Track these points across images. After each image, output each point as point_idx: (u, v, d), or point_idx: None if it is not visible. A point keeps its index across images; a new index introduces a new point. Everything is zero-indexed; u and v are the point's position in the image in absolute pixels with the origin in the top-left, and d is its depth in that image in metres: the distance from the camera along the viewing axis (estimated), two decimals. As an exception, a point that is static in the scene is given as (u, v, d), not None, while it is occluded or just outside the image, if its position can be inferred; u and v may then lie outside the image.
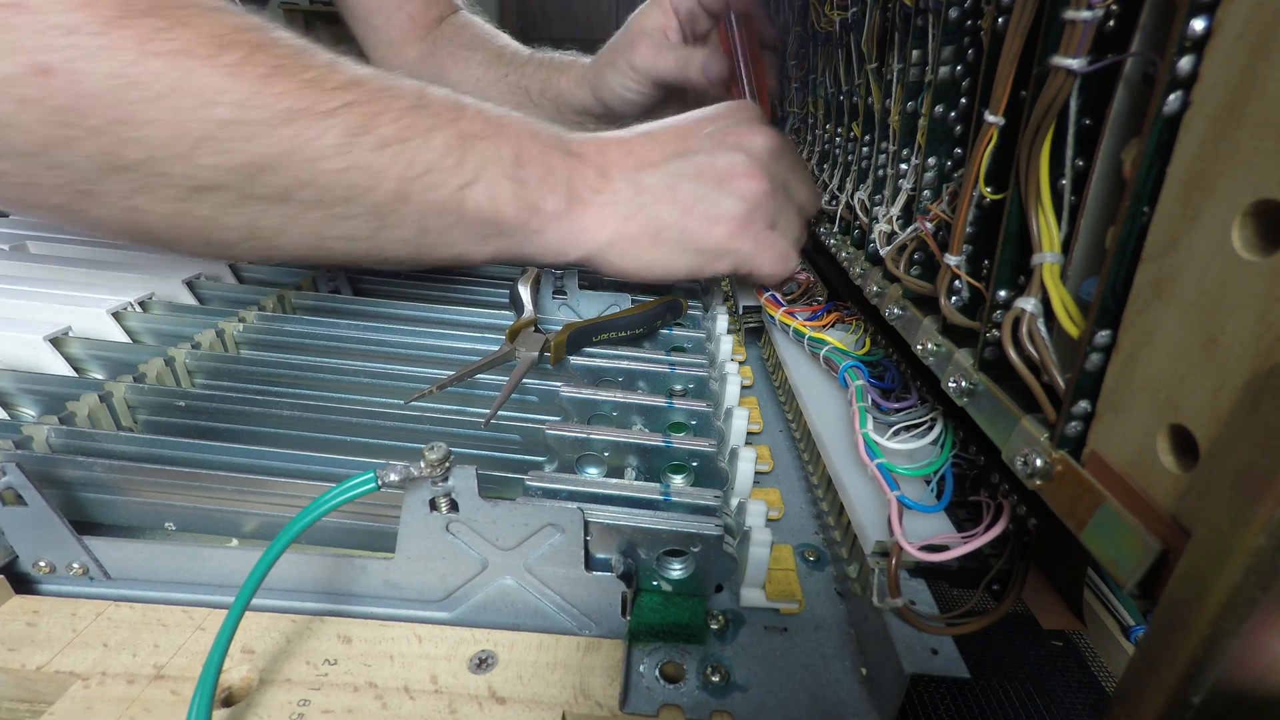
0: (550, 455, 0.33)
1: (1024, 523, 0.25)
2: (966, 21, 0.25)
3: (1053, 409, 0.19)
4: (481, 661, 0.25)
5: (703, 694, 0.25)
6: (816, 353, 0.40)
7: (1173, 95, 0.15)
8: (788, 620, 0.28)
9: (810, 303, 0.46)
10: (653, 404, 0.36)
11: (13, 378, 0.34)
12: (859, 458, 0.30)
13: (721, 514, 0.28)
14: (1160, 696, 0.14)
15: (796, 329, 0.42)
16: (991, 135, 0.22)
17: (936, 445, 0.30)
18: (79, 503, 0.29)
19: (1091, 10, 0.17)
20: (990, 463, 0.28)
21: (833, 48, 0.44)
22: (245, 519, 0.29)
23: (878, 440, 0.30)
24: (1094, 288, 0.18)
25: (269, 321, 0.43)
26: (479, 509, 0.25)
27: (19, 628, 0.25)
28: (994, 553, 0.26)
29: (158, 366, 0.36)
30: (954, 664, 0.23)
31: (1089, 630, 0.30)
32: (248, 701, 0.23)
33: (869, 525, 0.27)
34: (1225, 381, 0.14)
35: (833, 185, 0.45)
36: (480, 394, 0.37)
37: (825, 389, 0.39)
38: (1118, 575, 0.16)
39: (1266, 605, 0.12)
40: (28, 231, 0.54)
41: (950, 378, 0.24)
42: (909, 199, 0.31)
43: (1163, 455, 0.16)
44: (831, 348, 0.38)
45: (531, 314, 0.42)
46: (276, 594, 0.27)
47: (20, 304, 0.41)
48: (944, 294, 0.25)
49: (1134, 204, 0.16)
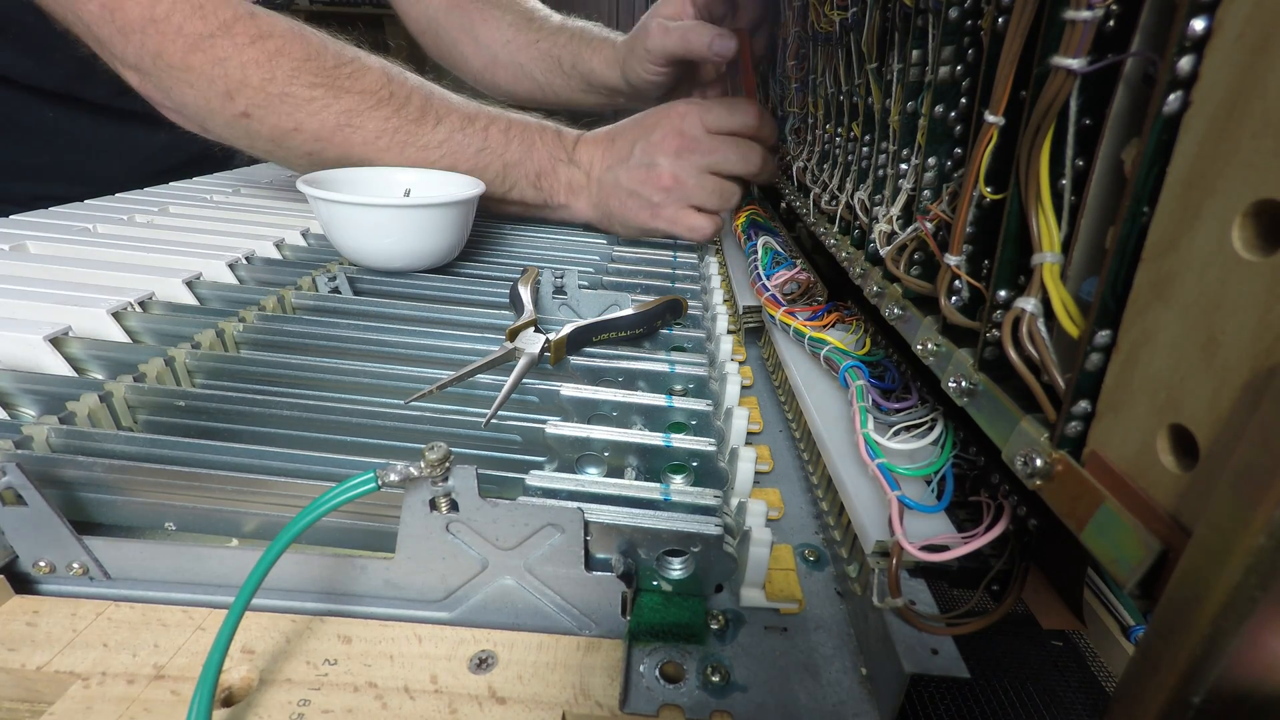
0: (550, 455, 0.33)
1: (1024, 523, 0.25)
2: (966, 21, 0.25)
3: (1053, 409, 0.19)
4: (481, 661, 0.25)
5: (703, 694, 0.25)
6: (817, 352, 0.40)
7: (1173, 95, 0.15)
8: (788, 620, 0.28)
9: (811, 302, 0.46)
10: (653, 404, 0.36)
11: (13, 378, 0.34)
12: (859, 457, 0.30)
13: (721, 514, 0.28)
14: (1160, 696, 0.14)
15: (797, 329, 0.42)
16: (991, 135, 0.22)
17: (937, 446, 0.30)
18: (79, 503, 0.29)
19: (1091, 10, 0.17)
20: (990, 463, 0.28)
21: (833, 48, 0.44)
22: (245, 519, 0.29)
23: (878, 440, 0.30)
24: (1094, 288, 0.18)
25: (269, 321, 0.43)
26: (479, 509, 0.25)
27: (19, 628, 0.25)
28: (994, 553, 0.26)
29: (158, 366, 0.36)
30: (954, 664, 0.23)
31: (1089, 630, 0.30)
32: (248, 701, 0.23)
33: (869, 525, 0.27)
34: (1225, 381, 0.14)
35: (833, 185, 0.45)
36: (480, 394, 0.37)
37: (826, 389, 0.39)
38: (1118, 575, 0.16)
39: (1266, 605, 0.12)
40: (28, 232, 0.54)
41: (950, 378, 0.24)
42: (909, 199, 0.31)
43: (1163, 455, 0.16)
44: (832, 348, 0.38)
45: (531, 314, 0.42)
46: (276, 594, 0.27)
47: (20, 304, 0.41)
48: (944, 294, 0.25)
49: (1134, 204, 0.16)
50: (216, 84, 0.51)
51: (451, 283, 0.52)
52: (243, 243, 0.55)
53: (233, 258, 0.51)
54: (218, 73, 0.50)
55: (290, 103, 0.52)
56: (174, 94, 0.52)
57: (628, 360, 0.41)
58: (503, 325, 0.44)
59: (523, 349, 0.38)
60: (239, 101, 0.51)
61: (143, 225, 0.60)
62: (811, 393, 0.39)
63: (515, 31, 0.81)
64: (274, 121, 0.53)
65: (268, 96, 0.52)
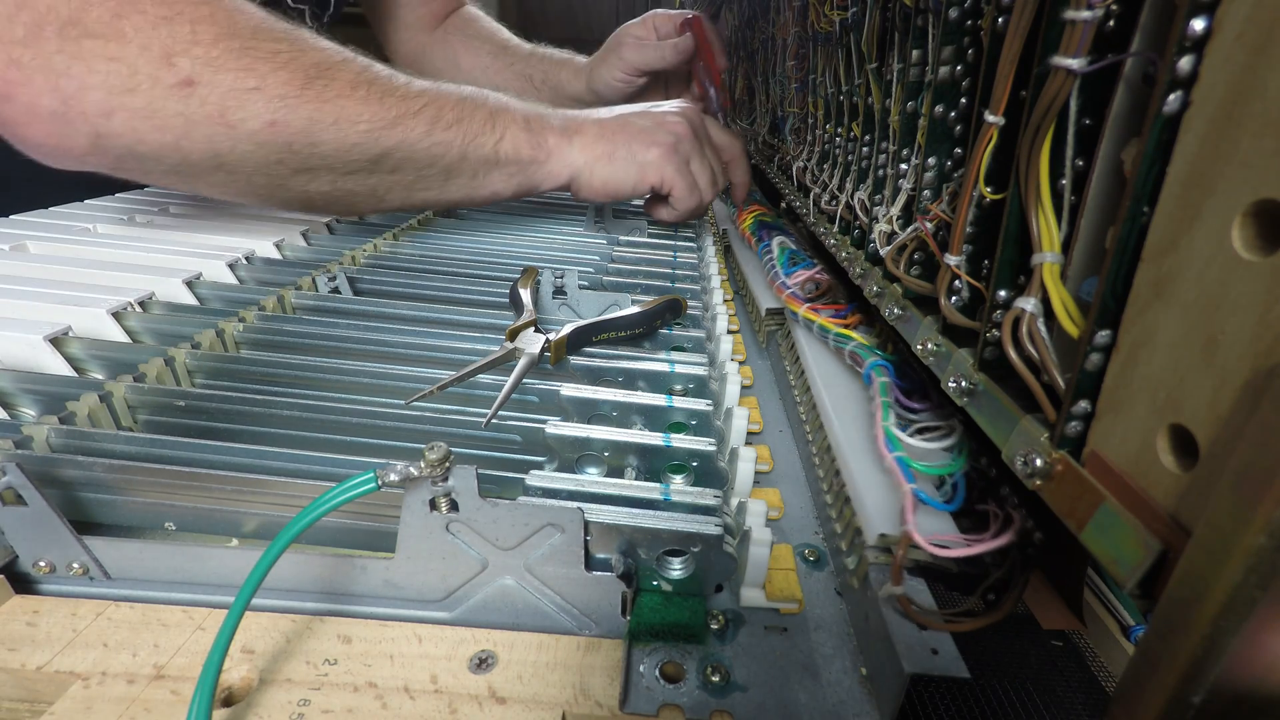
0: (550, 455, 0.33)
1: (1029, 536, 0.25)
2: (966, 21, 0.25)
3: (1053, 409, 0.19)
4: (481, 661, 0.25)
5: (703, 694, 0.25)
6: (841, 348, 0.39)
7: (1173, 95, 0.15)
8: (788, 620, 0.28)
9: (834, 302, 0.46)
10: (653, 404, 0.36)
11: (13, 378, 0.34)
12: (874, 452, 0.30)
13: (721, 514, 0.28)
14: (1160, 696, 0.14)
15: (821, 325, 0.42)
16: (991, 135, 0.22)
17: (953, 451, 0.30)
18: (79, 503, 0.29)
19: (1091, 10, 0.17)
20: (1001, 475, 0.28)
21: (833, 48, 0.44)
22: (245, 519, 0.29)
23: (899, 435, 0.30)
24: (1094, 288, 0.18)
25: (269, 321, 0.43)
26: (479, 509, 0.25)
27: (19, 628, 0.25)
28: (994, 562, 0.26)
29: (158, 366, 0.36)
30: (954, 664, 0.23)
31: (1089, 630, 0.30)
32: (248, 701, 0.23)
33: (875, 517, 0.27)
34: (1225, 381, 0.14)
35: (833, 185, 0.46)
36: (480, 394, 0.37)
37: (845, 385, 0.39)
38: (1118, 575, 0.16)
39: (1266, 605, 0.12)
40: (28, 232, 0.54)
41: (950, 378, 0.24)
42: (909, 199, 0.31)
43: (1163, 455, 0.16)
44: (857, 344, 0.38)
45: (531, 314, 0.42)
46: (276, 594, 0.27)
47: (20, 304, 0.41)
48: (944, 294, 0.25)
49: (1134, 204, 0.16)
50: (152, 47, 0.39)
51: (451, 283, 0.52)
52: (243, 242, 0.55)
53: (233, 258, 0.51)
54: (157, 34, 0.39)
55: (251, 56, 0.42)
56: (73, 74, 0.39)
57: (628, 360, 0.41)
58: (503, 325, 0.44)
59: (523, 349, 0.38)
60: (181, 65, 0.40)
61: (143, 225, 0.60)
62: (829, 387, 0.39)
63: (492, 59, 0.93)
64: (228, 83, 0.41)
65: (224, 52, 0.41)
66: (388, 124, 0.48)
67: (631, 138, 0.60)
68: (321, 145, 0.46)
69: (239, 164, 0.45)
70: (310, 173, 0.47)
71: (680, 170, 0.61)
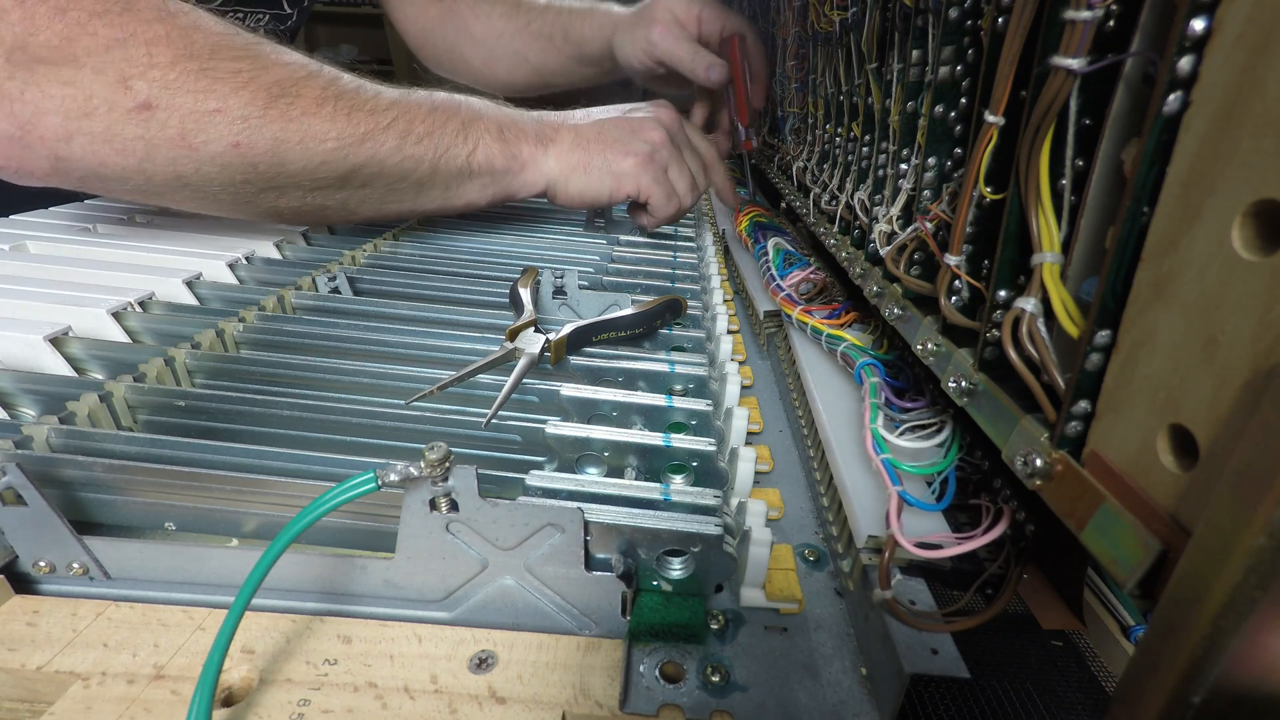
0: (550, 455, 0.33)
1: (1022, 529, 0.25)
2: (966, 21, 0.25)
3: (1053, 409, 0.19)
4: (481, 661, 0.25)
5: (703, 694, 0.25)
6: (834, 349, 0.40)
7: (1173, 95, 0.15)
8: (788, 620, 0.28)
9: (829, 301, 0.46)
10: (652, 404, 0.36)
11: (13, 378, 0.34)
12: (864, 453, 0.30)
13: (721, 514, 0.28)
14: (1160, 696, 0.14)
15: (814, 326, 0.42)
16: (991, 135, 0.22)
17: (942, 448, 0.30)
18: (79, 503, 0.29)
19: (1091, 10, 0.17)
20: (994, 468, 0.28)
21: (833, 48, 0.44)
22: (245, 519, 0.29)
23: (886, 436, 0.30)
24: (1094, 288, 0.18)
25: (269, 321, 0.43)
26: (479, 509, 0.25)
27: (19, 628, 0.25)
28: (989, 557, 0.26)
29: (158, 366, 0.36)
30: (954, 664, 0.23)
31: (1089, 630, 0.30)
32: (248, 701, 0.23)
33: (864, 519, 0.27)
34: (1225, 381, 0.14)
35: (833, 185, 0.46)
36: (480, 394, 0.37)
37: (838, 387, 0.39)
38: (1118, 575, 0.16)
39: (1266, 605, 0.12)
40: (28, 232, 0.54)
41: (950, 378, 0.24)
42: (909, 199, 0.31)
43: (1163, 455, 0.16)
44: (849, 344, 0.38)
45: (531, 314, 0.42)
46: (276, 594, 0.27)
47: (20, 304, 0.41)
48: (944, 294, 0.25)
49: (1134, 204, 0.16)
50: (107, 71, 0.39)
51: (451, 283, 0.52)
52: (243, 242, 0.55)
53: (233, 258, 0.51)
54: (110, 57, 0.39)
55: (210, 77, 0.41)
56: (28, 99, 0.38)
57: (628, 360, 0.41)
58: (503, 325, 0.44)
59: (523, 349, 0.38)
60: (138, 89, 0.39)
61: (143, 225, 0.60)
62: (822, 390, 0.39)
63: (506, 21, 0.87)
64: (189, 105, 0.41)
65: (182, 74, 0.40)
66: (356, 140, 0.47)
67: (607, 147, 0.59)
68: (289, 165, 0.45)
69: (204, 184, 0.44)
70: (278, 190, 0.47)
71: (657, 179, 0.60)
